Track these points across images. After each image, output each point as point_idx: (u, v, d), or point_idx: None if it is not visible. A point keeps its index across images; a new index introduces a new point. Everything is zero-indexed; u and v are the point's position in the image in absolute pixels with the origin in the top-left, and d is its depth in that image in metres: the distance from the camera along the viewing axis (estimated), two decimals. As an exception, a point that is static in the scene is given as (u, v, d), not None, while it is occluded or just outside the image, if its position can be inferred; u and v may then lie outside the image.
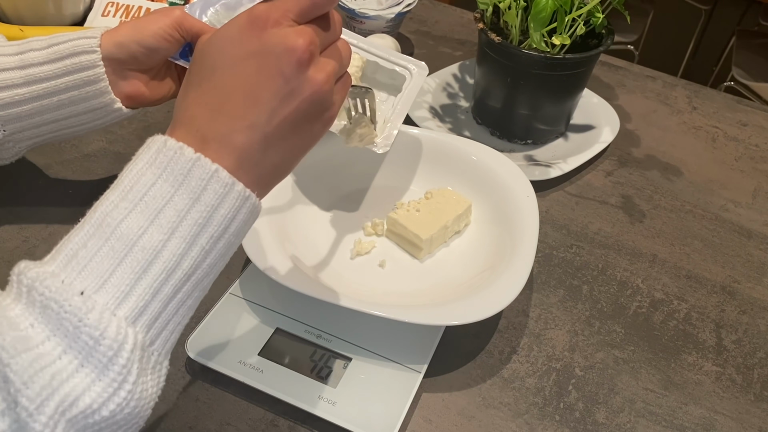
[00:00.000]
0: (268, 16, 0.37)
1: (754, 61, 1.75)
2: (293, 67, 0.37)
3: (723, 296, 0.64)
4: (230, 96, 0.37)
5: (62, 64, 0.55)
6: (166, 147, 0.36)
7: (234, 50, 0.37)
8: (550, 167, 0.73)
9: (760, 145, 0.83)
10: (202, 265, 0.36)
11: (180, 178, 0.36)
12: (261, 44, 0.37)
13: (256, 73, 0.37)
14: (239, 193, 0.37)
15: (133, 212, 0.35)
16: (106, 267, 0.34)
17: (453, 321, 0.51)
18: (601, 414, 0.53)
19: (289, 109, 0.38)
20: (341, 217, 0.65)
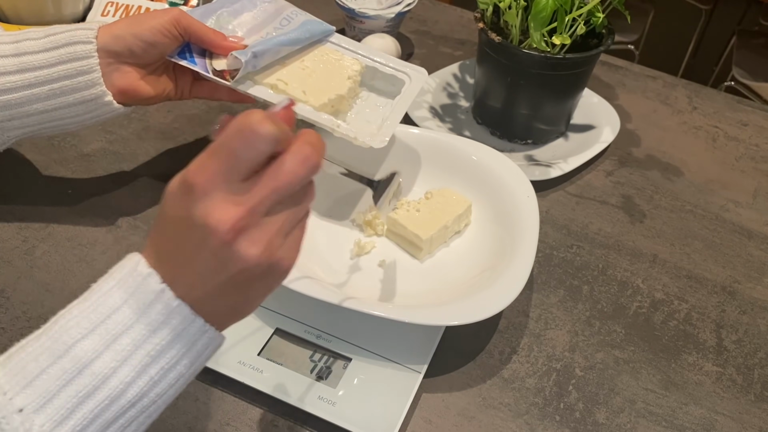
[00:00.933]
0: (195, 183, 0.34)
1: (754, 61, 1.75)
2: (217, 245, 0.34)
3: (723, 296, 0.64)
4: (171, 251, 0.35)
5: (57, 53, 0.55)
6: (136, 271, 0.35)
7: (171, 207, 0.35)
8: (551, 167, 0.73)
9: (761, 145, 0.83)
10: (149, 394, 0.35)
11: (143, 308, 0.35)
12: (187, 214, 0.34)
13: (186, 239, 0.34)
14: (198, 329, 0.36)
15: (91, 335, 0.34)
16: (51, 387, 0.33)
17: (453, 321, 0.51)
18: (601, 414, 0.53)
19: (224, 278, 0.35)
20: (341, 217, 0.65)
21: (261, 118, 0.33)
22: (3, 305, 0.57)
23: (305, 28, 0.62)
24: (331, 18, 0.99)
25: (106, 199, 0.67)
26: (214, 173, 0.33)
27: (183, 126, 0.77)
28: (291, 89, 0.59)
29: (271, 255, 0.35)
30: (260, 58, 0.58)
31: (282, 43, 0.60)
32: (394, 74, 0.64)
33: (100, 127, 0.75)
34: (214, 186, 0.33)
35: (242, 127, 0.33)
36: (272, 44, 0.59)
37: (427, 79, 0.65)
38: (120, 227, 0.64)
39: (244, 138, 0.33)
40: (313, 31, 0.63)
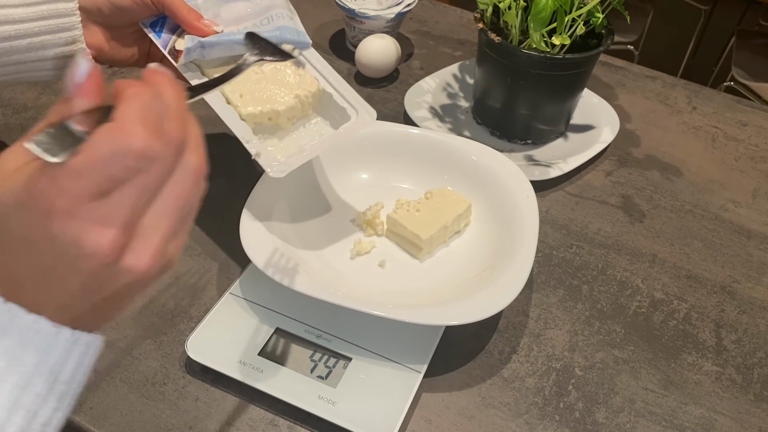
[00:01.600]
0: (53, 204, 0.28)
1: (754, 61, 1.75)
2: (100, 267, 0.30)
3: (723, 296, 0.64)
4: (28, 278, 0.30)
5: (38, 9, 0.55)
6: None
7: (16, 228, 0.29)
8: (550, 167, 0.73)
9: (760, 145, 0.83)
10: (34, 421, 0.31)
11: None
12: (51, 240, 0.29)
13: (52, 264, 0.30)
14: (67, 339, 0.32)
15: None
16: None
17: (453, 321, 0.51)
18: (601, 414, 0.53)
19: (104, 294, 0.31)
20: (341, 216, 0.65)
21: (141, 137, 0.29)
22: (3, 305, 0.57)
23: (274, 33, 0.59)
24: (331, 18, 1.00)
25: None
26: (75, 194, 0.28)
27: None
28: (230, 89, 0.57)
29: (162, 261, 0.31)
30: (208, 49, 0.57)
31: (238, 42, 0.57)
32: (345, 107, 0.59)
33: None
34: (78, 208, 0.28)
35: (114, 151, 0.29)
36: (226, 39, 0.57)
37: (371, 123, 0.59)
38: (120, 227, 0.64)
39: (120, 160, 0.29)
40: (281, 38, 0.59)
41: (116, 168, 0.29)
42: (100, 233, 0.29)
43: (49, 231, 0.29)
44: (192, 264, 0.62)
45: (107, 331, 0.56)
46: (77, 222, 0.29)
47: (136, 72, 0.68)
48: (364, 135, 0.68)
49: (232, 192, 0.69)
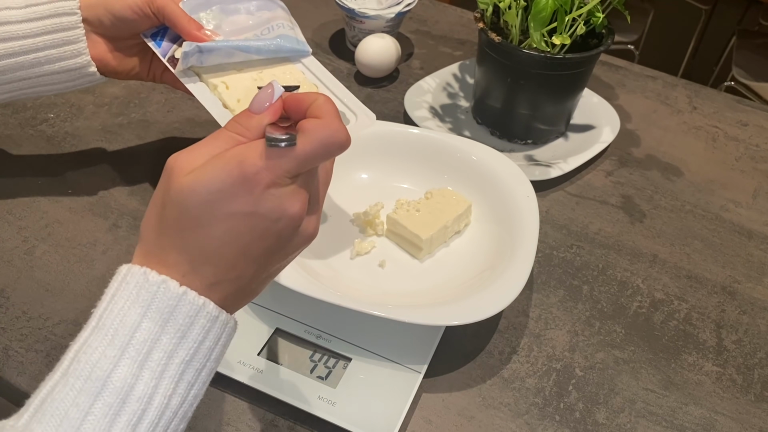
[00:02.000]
0: (261, 178, 0.35)
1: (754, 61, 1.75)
2: (289, 231, 0.36)
3: (723, 296, 0.64)
4: (217, 251, 0.35)
5: (41, 24, 0.55)
6: (148, 282, 0.34)
7: (224, 208, 0.35)
8: (550, 167, 0.73)
9: (761, 145, 0.83)
10: (187, 399, 0.35)
11: (166, 316, 0.34)
12: (255, 207, 0.35)
13: (248, 232, 0.35)
14: (222, 322, 0.36)
15: (123, 360, 0.33)
16: (102, 426, 0.32)
17: (453, 321, 0.51)
18: (601, 414, 0.53)
19: (279, 257, 0.38)
20: (341, 216, 0.65)
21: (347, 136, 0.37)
22: (3, 305, 0.57)
23: (274, 41, 0.60)
24: (331, 18, 0.99)
25: (106, 199, 0.67)
26: (279, 172, 0.35)
27: (183, 126, 0.77)
28: (229, 94, 0.57)
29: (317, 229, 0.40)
30: (206, 55, 0.57)
31: (237, 47, 0.58)
32: (343, 111, 0.60)
33: (99, 126, 0.75)
34: (281, 180, 0.35)
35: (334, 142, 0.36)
36: (224, 45, 0.57)
37: (371, 124, 0.60)
38: (120, 227, 0.64)
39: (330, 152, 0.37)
40: (281, 45, 0.60)
41: (325, 154, 0.36)
42: (297, 199, 0.36)
43: (255, 202, 0.35)
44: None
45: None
46: (278, 190, 0.35)
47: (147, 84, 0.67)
48: (364, 135, 0.68)
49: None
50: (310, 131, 0.36)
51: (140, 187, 0.69)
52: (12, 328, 0.55)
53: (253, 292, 0.39)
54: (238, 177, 0.34)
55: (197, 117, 0.77)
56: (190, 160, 0.35)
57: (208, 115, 0.80)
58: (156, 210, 0.36)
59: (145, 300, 0.34)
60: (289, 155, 0.35)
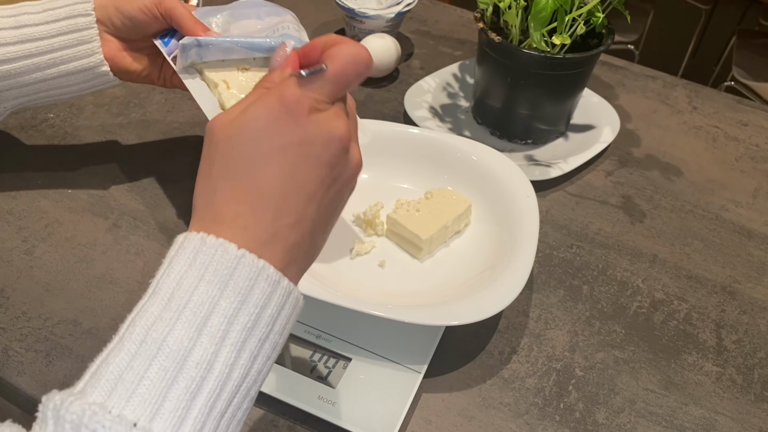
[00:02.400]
0: (303, 104, 0.35)
1: (754, 61, 1.75)
2: (339, 154, 0.36)
3: (723, 296, 0.64)
4: (276, 191, 0.34)
5: (57, 26, 0.57)
6: (205, 245, 0.33)
7: (273, 142, 0.34)
8: (550, 167, 0.73)
9: (761, 145, 0.83)
10: (250, 372, 0.33)
11: (225, 278, 0.32)
12: (302, 134, 0.35)
13: (301, 163, 0.35)
14: (284, 289, 0.34)
15: (179, 322, 0.31)
16: (158, 390, 0.30)
17: (453, 321, 0.51)
18: (601, 414, 0.53)
19: (334, 192, 0.37)
20: (341, 216, 0.65)
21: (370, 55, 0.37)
22: (3, 305, 0.57)
23: (276, 39, 0.59)
24: (331, 18, 0.99)
25: (106, 199, 0.67)
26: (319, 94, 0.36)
27: (183, 126, 0.77)
28: (226, 95, 0.57)
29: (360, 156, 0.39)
30: (205, 49, 0.56)
31: (236, 43, 0.57)
32: None
33: (99, 127, 0.75)
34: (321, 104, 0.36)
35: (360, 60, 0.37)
36: (223, 39, 0.57)
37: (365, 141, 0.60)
38: (120, 227, 0.64)
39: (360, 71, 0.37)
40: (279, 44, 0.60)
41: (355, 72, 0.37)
42: (340, 119, 0.36)
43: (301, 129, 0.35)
44: (192, 264, 0.62)
45: (107, 333, 0.56)
46: (323, 114, 0.36)
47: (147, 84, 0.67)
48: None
49: (231, 192, 0.69)
50: (334, 55, 0.36)
51: (140, 187, 0.69)
52: (12, 328, 0.55)
53: (314, 246, 0.38)
54: (281, 109, 0.35)
55: (197, 117, 0.77)
56: (228, 115, 0.36)
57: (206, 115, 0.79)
58: (205, 172, 0.36)
59: (202, 263, 0.32)
60: (323, 78, 0.36)
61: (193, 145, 0.74)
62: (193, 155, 0.73)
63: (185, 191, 0.69)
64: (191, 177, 0.71)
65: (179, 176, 0.70)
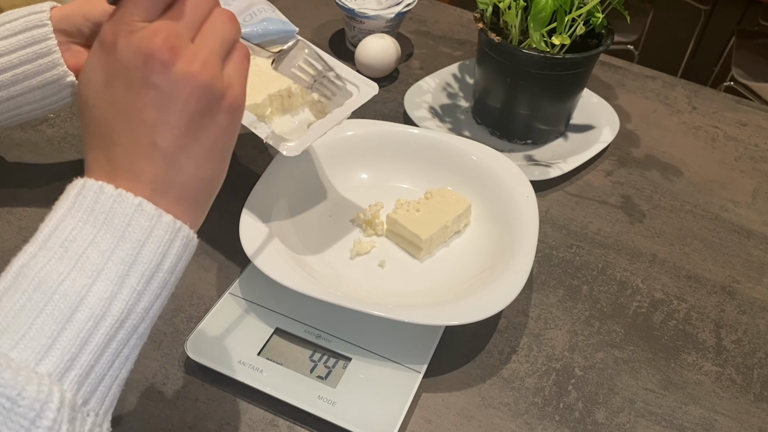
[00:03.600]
0: (115, 31, 0.34)
1: (754, 61, 1.75)
2: (158, 70, 0.33)
3: (723, 296, 0.64)
4: (113, 126, 0.34)
5: (15, 40, 0.55)
6: (84, 189, 0.34)
7: (98, 79, 0.34)
8: (550, 167, 0.73)
9: (760, 145, 0.83)
10: (135, 309, 0.33)
11: (101, 218, 0.33)
12: (117, 62, 0.33)
13: (126, 93, 0.34)
14: (168, 225, 0.34)
15: (53, 259, 0.32)
16: (23, 320, 0.30)
17: (453, 321, 0.51)
18: (600, 414, 0.53)
19: (175, 116, 0.34)
20: (341, 216, 0.65)
21: None
22: (3, 305, 0.57)
23: (261, 26, 0.61)
24: (331, 18, 0.99)
25: (106, 199, 0.67)
26: (131, 17, 0.34)
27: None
28: None
29: (214, 73, 0.35)
30: None
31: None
32: (343, 86, 0.59)
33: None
34: (134, 25, 0.34)
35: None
36: None
37: (375, 93, 0.60)
38: (120, 227, 0.64)
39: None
40: (268, 28, 0.61)
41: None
42: (154, 33, 0.33)
43: (116, 57, 0.33)
44: (191, 264, 0.62)
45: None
46: (135, 34, 0.33)
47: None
48: (364, 135, 0.68)
49: (231, 192, 0.69)
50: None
51: (140, 187, 0.69)
52: (12, 328, 0.55)
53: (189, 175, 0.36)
54: (97, 47, 0.34)
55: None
56: None
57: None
58: None
59: (81, 205, 0.34)
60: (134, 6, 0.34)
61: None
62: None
63: (185, 191, 0.68)
64: (191, 177, 0.71)
65: (179, 176, 0.70)
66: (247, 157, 0.73)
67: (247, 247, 0.55)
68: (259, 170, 0.71)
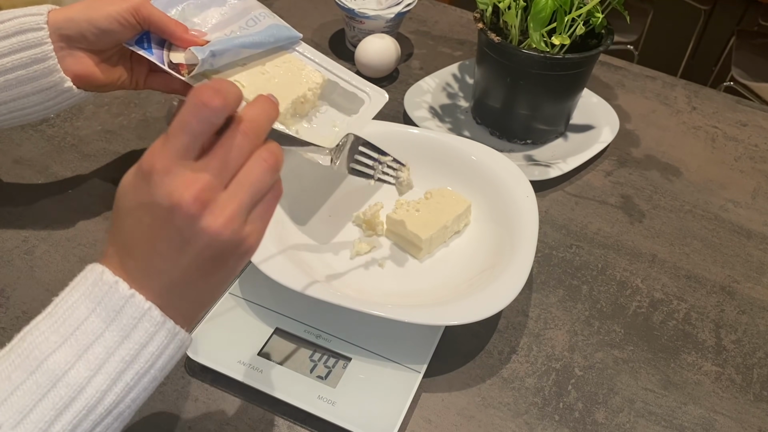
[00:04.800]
0: (153, 166, 0.34)
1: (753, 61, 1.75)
2: (183, 220, 0.34)
3: (722, 296, 0.64)
4: (134, 242, 0.36)
5: (8, 43, 0.53)
6: (102, 281, 0.36)
7: (129, 199, 0.36)
8: (550, 167, 0.73)
9: (760, 145, 0.83)
10: (124, 400, 0.36)
11: (112, 315, 0.35)
12: (150, 196, 0.35)
13: (149, 224, 0.35)
14: (169, 330, 0.36)
15: (63, 347, 0.34)
16: (27, 402, 0.33)
17: (453, 321, 0.51)
18: (600, 414, 0.53)
19: (189, 257, 0.35)
20: (341, 216, 0.65)
21: (211, 92, 0.34)
22: (3, 305, 0.57)
23: (270, 32, 0.61)
24: (331, 18, 1.00)
25: (106, 199, 0.67)
26: (170, 154, 0.34)
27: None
28: (246, 92, 0.58)
29: (234, 230, 0.36)
30: (218, 58, 0.57)
31: (243, 45, 0.58)
32: (354, 92, 0.62)
33: (99, 126, 0.75)
34: (173, 165, 0.34)
35: (195, 102, 0.34)
36: (233, 45, 0.57)
37: (385, 101, 0.63)
38: (120, 227, 0.64)
39: (197, 112, 0.34)
40: (278, 35, 0.61)
41: (197, 120, 0.34)
42: (189, 185, 0.34)
43: (149, 191, 0.34)
44: (192, 264, 0.62)
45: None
46: (170, 177, 0.34)
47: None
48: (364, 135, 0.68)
49: (231, 192, 0.69)
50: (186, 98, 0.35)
51: (140, 187, 0.69)
52: (12, 328, 0.55)
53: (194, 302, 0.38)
54: (137, 168, 0.35)
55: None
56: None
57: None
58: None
59: (96, 296, 0.35)
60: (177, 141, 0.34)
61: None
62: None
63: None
64: (191, 177, 0.71)
65: (179, 176, 0.70)
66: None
67: (247, 247, 0.55)
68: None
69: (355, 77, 0.63)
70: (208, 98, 0.34)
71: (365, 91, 0.62)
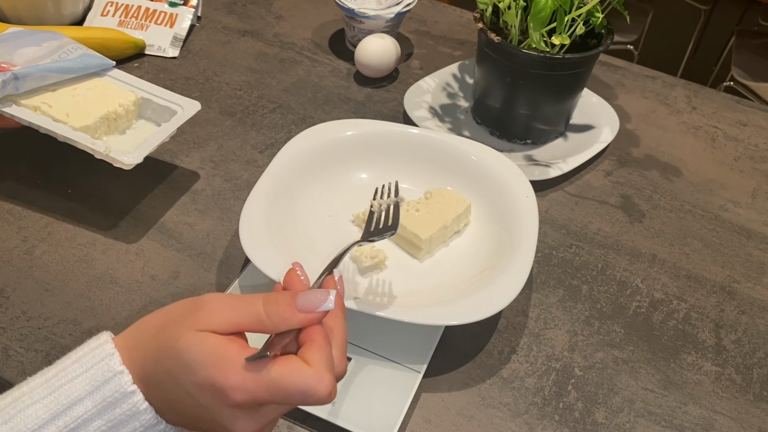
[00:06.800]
0: (230, 396, 0.34)
1: (753, 61, 1.75)
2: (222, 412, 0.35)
3: (722, 296, 0.64)
4: (173, 408, 0.37)
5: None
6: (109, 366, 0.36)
7: (188, 391, 0.35)
8: (550, 167, 0.73)
9: (760, 145, 0.83)
10: None
11: (107, 405, 0.35)
12: (209, 410, 0.35)
13: (195, 416, 0.36)
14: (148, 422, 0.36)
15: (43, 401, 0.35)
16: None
17: (453, 321, 0.51)
18: (600, 414, 0.53)
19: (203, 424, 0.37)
20: (341, 216, 0.65)
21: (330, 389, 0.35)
22: (3, 305, 0.57)
23: (81, 60, 0.66)
24: (330, 18, 0.99)
25: (106, 199, 0.67)
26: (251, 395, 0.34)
27: (183, 127, 0.76)
28: (54, 111, 0.62)
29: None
30: (22, 81, 0.60)
31: (49, 69, 0.63)
32: (167, 106, 0.67)
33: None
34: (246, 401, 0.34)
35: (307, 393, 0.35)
36: (38, 69, 0.61)
37: (197, 109, 0.67)
38: (120, 227, 0.64)
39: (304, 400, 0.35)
40: (88, 62, 0.66)
41: (296, 399, 0.35)
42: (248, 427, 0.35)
43: (211, 407, 0.35)
44: (192, 264, 0.62)
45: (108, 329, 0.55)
46: (237, 412, 0.35)
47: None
48: (364, 135, 0.68)
49: (231, 192, 0.69)
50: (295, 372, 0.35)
51: (140, 187, 0.69)
52: (12, 328, 0.55)
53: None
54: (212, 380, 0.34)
55: (196, 117, 0.77)
56: (212, 314, 0.36)
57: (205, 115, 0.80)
58: (160, 321, 0.38)
59: (90, 361, 0.36)
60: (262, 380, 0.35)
61: (192, 146, 0.74)
62: (194, 155, 0.73)
63: (186, 191, 0.69)
64: (192, 177, 0.71)
65: (179, 176, 0.70)
66: (247, 157, 0.74)
67: (247, 247, 0.55)
68: (259, 170, 0.71)
69: (171, 94, 0.68)
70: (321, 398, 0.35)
71: (179, 104, 0.67)
